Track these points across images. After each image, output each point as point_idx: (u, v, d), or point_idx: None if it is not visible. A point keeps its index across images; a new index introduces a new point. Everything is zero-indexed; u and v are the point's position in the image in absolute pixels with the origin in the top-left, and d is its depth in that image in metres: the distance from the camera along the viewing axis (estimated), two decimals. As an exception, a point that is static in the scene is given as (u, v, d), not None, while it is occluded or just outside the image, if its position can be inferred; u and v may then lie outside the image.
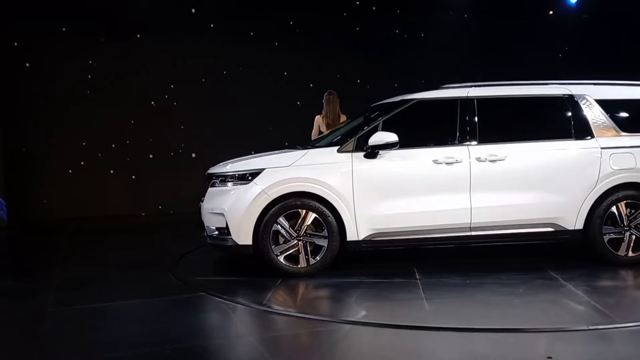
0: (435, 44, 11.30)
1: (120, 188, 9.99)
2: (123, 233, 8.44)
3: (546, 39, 11.91)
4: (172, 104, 10.18)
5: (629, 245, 5.68)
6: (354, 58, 10.96)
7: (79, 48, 9.70)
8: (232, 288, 5.13)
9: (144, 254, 6.70)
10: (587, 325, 3.94)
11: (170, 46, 10.07)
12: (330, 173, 5.48)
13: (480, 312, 4.32)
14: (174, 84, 10.17)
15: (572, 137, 5.71)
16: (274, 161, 5.59)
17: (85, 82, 9.76)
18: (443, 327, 3.92)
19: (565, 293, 4.74)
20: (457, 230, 5.56)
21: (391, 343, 3.76)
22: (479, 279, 5.22)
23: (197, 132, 10.25)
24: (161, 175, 10.13)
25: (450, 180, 5.52)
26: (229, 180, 5.57)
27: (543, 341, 3.76)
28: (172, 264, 6.05)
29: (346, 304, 4.78)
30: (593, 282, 5.07)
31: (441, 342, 3.77)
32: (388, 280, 5.26)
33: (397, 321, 4.08)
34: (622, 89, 6.05)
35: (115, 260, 6.45)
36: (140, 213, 10.00)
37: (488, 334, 3.84)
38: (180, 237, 7.58)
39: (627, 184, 5.69)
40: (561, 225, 5.64)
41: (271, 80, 10.58)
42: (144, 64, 9.98)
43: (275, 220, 5.38)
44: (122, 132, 9.99)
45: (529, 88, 5.96)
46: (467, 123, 5.66)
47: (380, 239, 5.51)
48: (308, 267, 5.43)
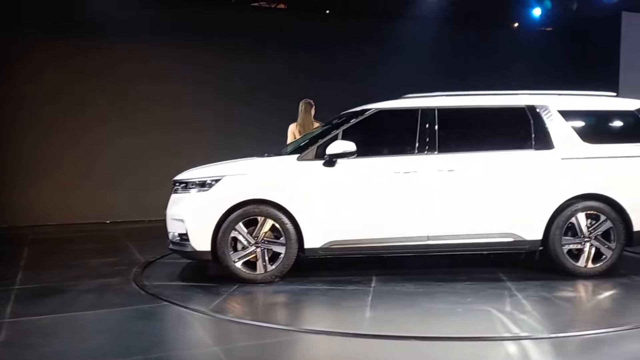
0: (402, 53, 11.40)
1: (85, 195, 9.91)
2: (87, 241, 8.28)
3: (511, 51, 12.15)
4: (140, 109, 10.18)
5: (589, 257, 5.69)
6: (329, 67, 11.14)
7: (32, 49, 9.55)
8: (193, 296, 5.15)
9: (108, 263, 6.60)
10: (517, 334, 3.99)
11: (135, 49, 10.10)
12: (289, 181, 5.55)
13: (419, 320, 4.37)
14: (143, 89, 10.18)
15: (533, 148, 5.73)
16: (233, 169, 5.68)
17: (50, 86, 9.64)
18: (374, 334, 3.97)
19: (512, 303, 4.75)
20: (415, 240, 5.59)
21: (323, 350, 3.84)
22: (432, 288, 5.25)
23: (167, 138, 10.26)
24: (128, 183, 10.09)
25: (409, 190, 5.56)
26: (190, 186, 5.65)
27: (466, 349, 3.80)
28: (137, 273, 6.02)
29: (292, 311, 4.85)
30: (544, 293, 5.07)
31: (369, 349, 3.81)
32: (342, 288, 5.31)
33: (333, 328, 4.15)
34: (584, 100, 6.06)
35: (78, 269, 6.34)
36: (105, 221, 9.96)
37: (416, 342, 3.89)
38: (146, 245, 7.55)
39: (587, 194, 5.70)
40: (520, 235, 5.65)
41: (246, 88, 10.69)
42: (103, 68, 9.94)
43: (233, 227, 5.45)
44: (87, 137, 9.93)
45: (490, 98, 5.99)
46: (427, 133, 5.69)
47: (337, 247, 5.56)
48: (265, 274, 5.50)
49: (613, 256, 5.69)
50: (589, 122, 5.95)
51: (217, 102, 10.62)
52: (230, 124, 10.64)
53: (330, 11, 11.44)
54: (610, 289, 5.32)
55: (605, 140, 5.85)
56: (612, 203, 5.70)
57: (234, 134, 10.44)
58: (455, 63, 11.65)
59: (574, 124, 5.83)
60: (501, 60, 11.91)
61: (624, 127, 6.01)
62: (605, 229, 5.69)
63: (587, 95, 6.12)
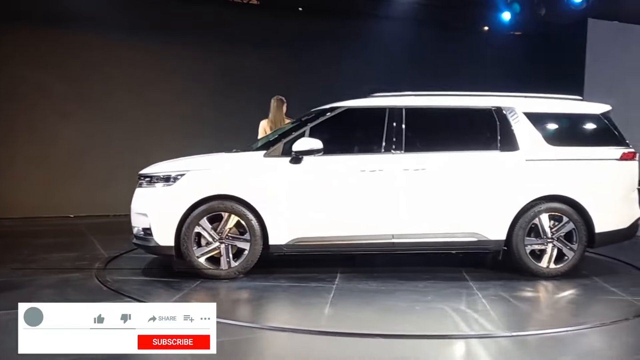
0: (373, 52, 11.49)
1: (48, 189, 9.77)
2: (50, 235, 8.10)
3: (480, 53, 12.36)
4: (107, 102, 10.09)
5: (551, 258, 5.75)
6: (301, 64, 11.20)
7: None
8: (154, 291, 5.10)
9: (70, 258, 6.45)
10: (469, 333, 4.03)
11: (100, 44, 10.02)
12: (255, 177, 5.53)
13: (376, 318, 4.37)
14: (109, 82, 10.10)
15: (498, 149, 5.77)
16: (198, 164, 5.65)
17: (11, 77, 9.52)
18: (330, 331, 3.98)
19: (470, 302, 4.78)
20: (380, 238, 5.60)
21: (277, 346, 3.84)
22: (394, 286, 5.27)
23: (134, 132, 10.20)
24: (93, 176, 9.98)
25: (374, 188, 5.57)
26: (155, 181, 5.60)
27: (421, 347, 3.83)
28: (99, 268, 5.92)
29: (251, 307, 4.85)
30: (503, 293, 5.11)
31: (324, 346, 3.82)
32: (305, 285, 5.31)
33: (290, 325, 4.14)
34: (550, 103, 6.12)
35: (39, 264, 6.19)
36: (68, 215, 9.81)
37: (370, 339, 3.89)
38: (110, 240, 7.46)
39: (551, 196, 5.76)
40: (484, 235, 5.69)
41: (217, 83, 10.70)
42: (65, 59, 9.85)
43: (197, 223, 5.42)
44: (49, 130, 9.80)
45: (458, 99, 6.03)
46: (394, 132, 5.71)
47: (302, 244, 5.55)
48: (229, 270, 5.47)
49: (575, 257, 5.75)
50: (554, 125, 6.01)
51: (187, 96, 10.59)
52: (200, 119, 10.61)
53: (303, 8, 11.41)
54: (569, 289, 5.37)
55: (569, 143, 5.91)
56: (575, 205, 5.77)
57: (204, 130, 10.40)
58: (426, 64, 11.79)
59: (540, 126, 5.87)
60: (471, 63, 12.11)
61: (589, 130, 6.08)
62: (567, 230, 5.76)
63: (554, 99, 6.19)
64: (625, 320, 4.41)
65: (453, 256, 6.45)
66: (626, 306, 4.81)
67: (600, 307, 4.86)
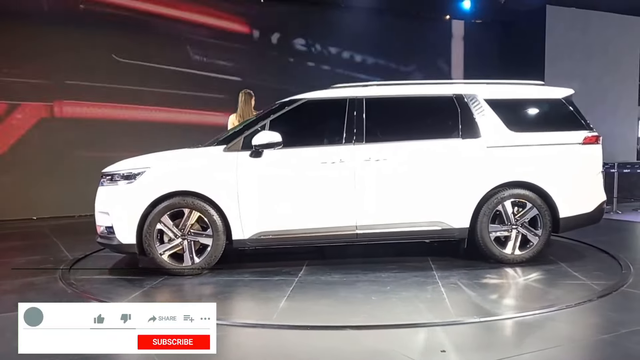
0: (339, 43, 11.65)
1: (9, 190, 9.59)
2: (12, 239, 7.94)
3: (442, 42, 12.63)
4: (68, 98, 10.01)
5: (516, 244, 5.77)
6: (268, 56, 11.26)
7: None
8: (116, 289, 5.06)
9: (33, 261, 6.34)
10: (420, 321, 4.04)
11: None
12: (215, 172, 5.51)
13: (329, 310, 4.36)
14: (70, 79, 10.01)
15: (459, 137, 5.76)
16: (158, 160, 5.62)
17: None
18: (279, 324, 3.99)
19: (428, 290, 4.79)
20: (343, 230, 5.60)
21: (225, 340, 3.81)
22: (357, 277, 5.27)
23: (97, 130, 10.13)
24: (55, 177, 9.86)
25: (335, 180, 5.56)
26: (116, 178, 5.57)
27: (368, 337, 3.83)
28: (64, 271, 5.77)
29: (207, 302, 4.74)
30: (464, 280, 5.12)
31: (271, 339, 3.84)
32: (268, 279, 5.30)
33: (242, 319, 4.15)
34: (512, 89, 6.12)
35: (2, 267, 6.05)
36: (31, 217, 9.67)
37: (315, 331, 3.91)
38: (74, 241, 7.38)
39: (514, 182, 5.77)
40: (447, 223, 5.69)
41: (183, 77, 10.68)
42: (26, 53, 9.71)
43: (159, 220, 5.40)
44: (8, 128, 9.64)
45: (418, 88, 6.02)
46: (354, 123, 5.69)
47: (265, 238, 5.54)
48: (193, 266, 5.46)
49: (539, 243, 5.77)
50: (516, 111, 5.99)
51: (151, 93, 10.50)
52: (166, 116, 10.52)
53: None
54: (529, 275, 5.40)
55: (532, 129, 5.91)
56: (538, 190, 5.77)
57: (170, 126, 10.35)
58: (389, 53, 11.97)
59: (501, 112, 5.85)
60: (434, 52, 12.36)
61: (551, 115, 6.07)
62: (531, 216, 5.77)
63: (516, 84, 6.18)
64: (576, 305, 4.43)
65: (424, 245, 6.47)
66: (583, 290, 4.82)
67: (559, 292, 4.84)
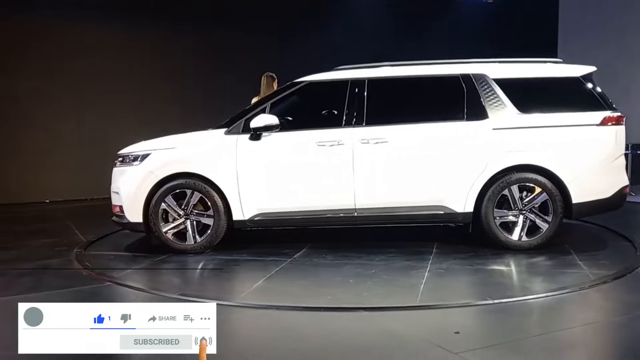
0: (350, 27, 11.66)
1: (22, 174, 9.73)
2: (26, 222, 8.03)
3: (454, 23, 12.53)
4: (79, 86, 10.14)
5: (523, 230, 5.54)
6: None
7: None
8: (132, 274, 5.15)
9: (49, 243, 6.44)
10: (382, 305, 4.01)
11: None
12: (216, 154, 5.66)
13: (298, 292, 4.40)
14: (80, 64, 10.09)
15: (464, 118, 5.57)
16: (163, 143, 5.85)
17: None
18: (244, 304, 4.08)
19: (412, 275, 4.71)
20: (342, 212, 5.60)
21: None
22: (350, 260, 5.27)
23: (111, 114, 10.29)
24: (68, 160, 10.03)
25: (333, 163, 5.55)
26: (126, 161, 5.87)
27: (312, 318, 3.89)
28: (80, 253, 5.92)
29: (188, 280, 5.03)
30: (457, 266, 5.01)
31: (234, 317, 3.93)
32: (262, 259, 5.42)
33: (209, 298, 4.20)
34: (525, 68, 5.82)
35: (18, 250, 6.17)
36: (44, 200, 9.86)
37: (278, 311, 3.98)
38: (88, 224, 7.50)
39: (521, 165, 5.52)
40: (450, 207, 5.55)
41: (205, 61, 10.86)
42: (36, 42, 9.85)
43: (163, 200, 5.65)
44: (23, 114, 9.78)
45: (424, 68, 5.83)
46: (355, 105, 5.63)
47: (265, 219, 5.65)
48: (195, 245, 5.67)
49: (549, 229, 5.49)
50: (528, 91, 5.69)
51: (169, 76, 10.64)
52: (184, 102, 10.66)
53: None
54: (531, 260, 5.20)
55: (544, 109, 5.60)
56: (549, 174, 5.50)
57: (189, 112, 10.38)
58: (400, 35, 11.93)
59: (512, 93, 5.59)
60: (446, 33, 12.29)
61: (566, 95, 5.70)
62: (541, 201, 5.51)
63: (530, 62, 5.88)
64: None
65: (439, 229, 6.37)
66: (577, 279, 4.58)
67: (549, 282, 4.62)
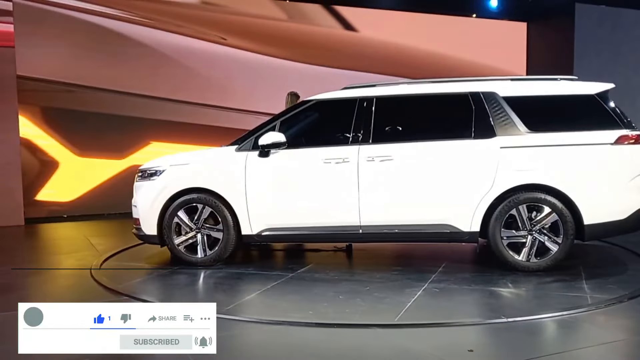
0: None
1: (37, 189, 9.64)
2: (42, 237, 8.23)
3: (469, 40, 12.28)
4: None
5: (532, 251, 5.40)
6: None
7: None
8: (143, 287, 5.31)
9: (66, 259, 6.58)
10: (368, 322, 4.03)
11: None
12: (226, 170, 5.85)
13: (286, 307, 4.46)
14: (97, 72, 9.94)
15: (472, 137, 5.50)
16: (178, 159, 6.10)
17: None
18: (230, 318, 4.16)
19: (404, 293, 4.67)
20: (347, 229, 5.65)
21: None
22: (350, 276, 5.32)
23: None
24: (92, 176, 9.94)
25: (339, 180, 5.61)
26: (145, 176, 6.16)
27: (307, 334, 3.91)
28: (95, 268, 5.92)
29: (184, 290, 5.19)
30: (456, 286, 4.94)
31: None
32: (266, 273, 5.53)
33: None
34: (537, 85, 5.71)
35: (34, 265, 6.28)
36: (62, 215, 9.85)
37: (266, 325, 4.06)
38: (106, 239, 7.66)
39: (530, 185, 5.40)
40: (456, 226, 5.48)
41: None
42: None
43: (176, 214, 5.88)
44: None
45: (433, 86, 5.82)
46: (361, 123, 5.69)
47: (272, 234, 5.78)
48: (205, 258, 5.85)
49: (559, 251, 5.33)
50: (539, 109, 5.57)
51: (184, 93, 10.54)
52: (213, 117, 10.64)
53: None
54: (536, 281, 5.06)
55: (554, 128, 5.45)
56: (559, 194, 5.35)
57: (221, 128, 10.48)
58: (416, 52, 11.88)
59: (522, 111, 5.49)
60: (460, 49, 12.11)
61: (579, 113, 5.54)
62: (551, 221, 5.35)
63: (542, 80, 5.76)
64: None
65: (451, 247, 6.30)
66: (572, 303, 4.41)
67: (541, 304, 4.48)
